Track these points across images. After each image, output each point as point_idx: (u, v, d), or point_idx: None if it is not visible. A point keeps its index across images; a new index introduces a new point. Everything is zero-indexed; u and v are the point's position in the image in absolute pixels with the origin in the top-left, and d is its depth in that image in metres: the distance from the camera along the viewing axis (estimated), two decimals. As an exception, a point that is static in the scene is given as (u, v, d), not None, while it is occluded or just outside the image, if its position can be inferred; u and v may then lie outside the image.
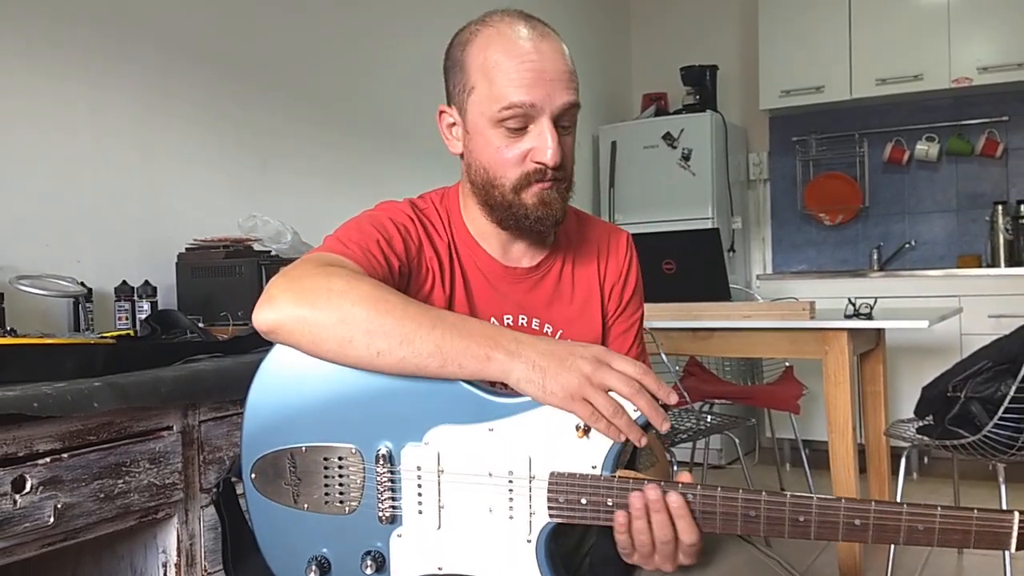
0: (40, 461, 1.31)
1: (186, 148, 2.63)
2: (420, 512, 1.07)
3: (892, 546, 2.78)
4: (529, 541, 1.04)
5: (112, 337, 1.84)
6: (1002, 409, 2.44)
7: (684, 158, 4.63)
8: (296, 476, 1.09)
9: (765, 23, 4.83)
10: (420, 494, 1.07)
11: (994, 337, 3.94)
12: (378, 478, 1.07)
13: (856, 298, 2.93)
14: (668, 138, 4.67)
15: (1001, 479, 2.58)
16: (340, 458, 1.08)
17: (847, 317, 2.83)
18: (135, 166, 2.47)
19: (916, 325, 2.72)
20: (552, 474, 1.03)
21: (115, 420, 1.43)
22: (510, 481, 1.05)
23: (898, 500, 2.75)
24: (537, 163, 1.18)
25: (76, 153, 2.32)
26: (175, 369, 1.56)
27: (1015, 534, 0.91)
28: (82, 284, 2.14)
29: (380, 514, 1.07)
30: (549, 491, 1.03)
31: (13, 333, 1.64)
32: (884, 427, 3.19)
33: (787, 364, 3.83)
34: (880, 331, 3.18)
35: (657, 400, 1.00)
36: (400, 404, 1.07)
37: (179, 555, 1.53)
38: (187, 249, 2.42)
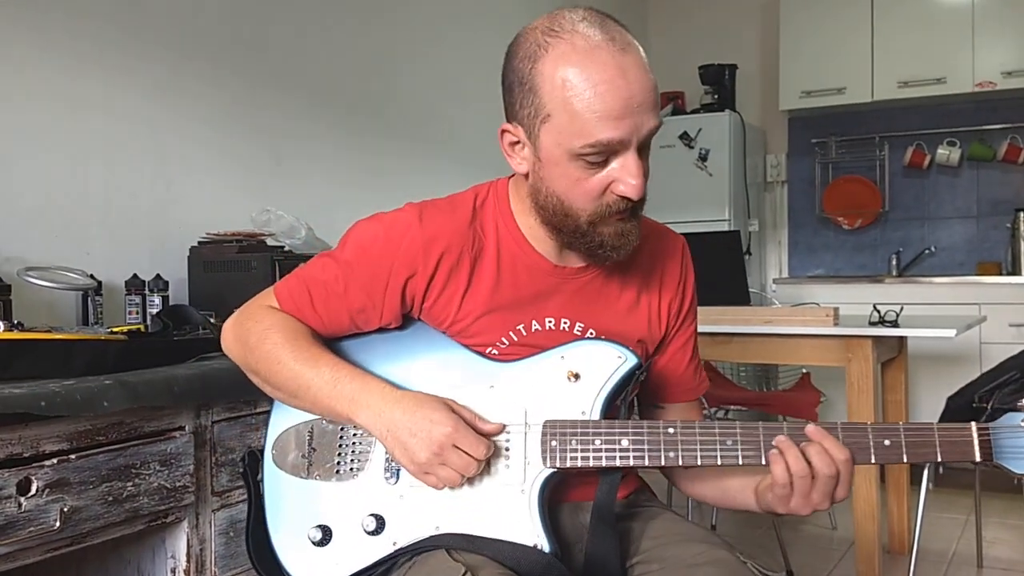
0: (47, 462, 1.26)
1: (199, 140, 2.58)
2: None
3: (912, 558, 2.71)
4: (523, 491, 1.11)
5: (123, 332, 1.79)
6: (1032, 422, 2.37)
7: (701, 158, 4.57)
8: (312, 447, 1.18)
9: (786, 22, 4.76)
10: None
11: (1014, 346, 3.89)
12: None
13: (879, 304, 2.86)
14: (685, 138, 4.60)
15: (1027, 492, 2.52)
16: (355, 426, 1.17)
17: (871, 324, 2.76)
18: (147, 158, 2.42)
19: (943, 334, 2.65)
20: (546, 423, 1.12)
21: (125, 420, 1.37)
22: (508, 432, 1.13)
23: (919, 513, 2.71)
24: (620, 196, 1.10)
25: (88, 144, 2.27)
26: (188, 367, 1.51)
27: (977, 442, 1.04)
28: (91, 277, 2.08)
29: (386, 472, 1.15)
30: (543, 438, 1.12)
31: (20, 327, 1.59)
32: (905, 437, 3.12)
33: (804, 371, 3.76)
34: (902, 339, 3.11)
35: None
36: (413, 374, 1.18)
37: (189, 560, 1.48)
38: (199, 243, 2.37)
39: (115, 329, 1.85)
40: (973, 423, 1.05)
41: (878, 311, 2.79)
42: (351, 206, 3.08)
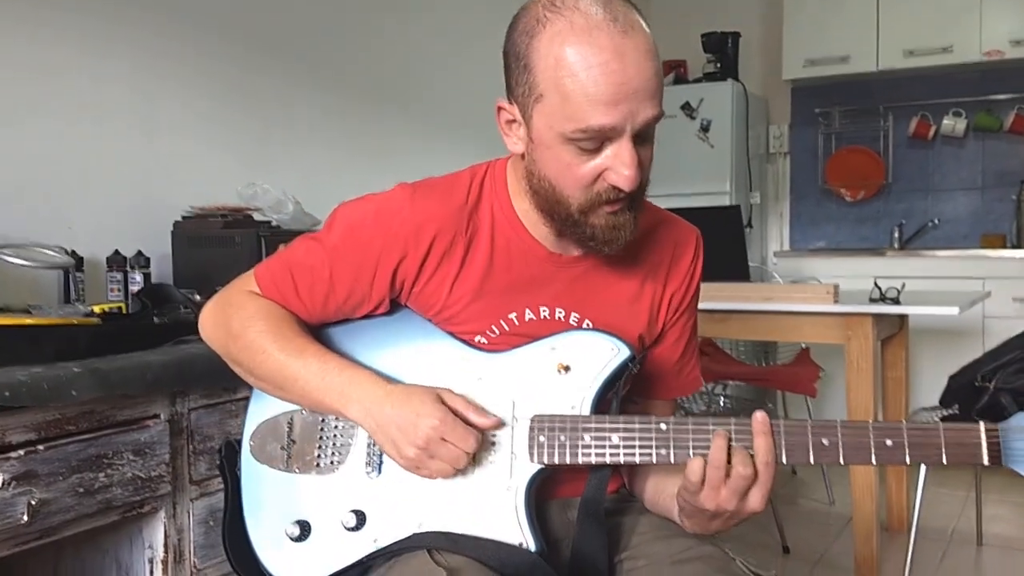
0: (13, 454, 1.21)
1: (185, 111, 2.51)
2: None
3: (911, 536, 2.68)
4: (509, 488, 1.06)
5: (102, 311, 1.74)
6: (1035, 402, 2.33)
7: (703, 129, 4.49)
8: (291, 439, 1.14)
9: (790, -11, 4.65)
10: None
11: (1018, 320, 3.84)
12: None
13: (880, 278, 2.81)
14: (687, 108, 4.52)
15: (1030, 474, 2.47)
16: (336, 418, 1.13)
17: (872, 301, 2.71)
18: (131, 128, 2.35)
19: (946, 312, 2.59)
20: (534, 417, 1.07)
21: (96, 408, 1.32)
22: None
23: (919, 490, 2.67)
24: (612, 185, 1.04)
25: (69, 114, 2.20)
26: (163, 352, 1.46)
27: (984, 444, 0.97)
28: (73, 252, 2.03)
29: (367, 466, 1.11)
30: (530, 433, 1.07)
31: (-8, 309, 1.54)
32: (905, 415, 3.09)
33: (803, 345, 3.72)
34: (904, 315, 3.06)
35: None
36: (398, 365, 1.13)
37: (166, 551, 1.43)
38: (183, 217, 2.31)
39: (96, 308, 1.80)
40: (982, 423, 0.98)
41: (879, 288, 2.74)
42: (341, 181, 3.02)
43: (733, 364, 3.70)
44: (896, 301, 2.67)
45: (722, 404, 3.28)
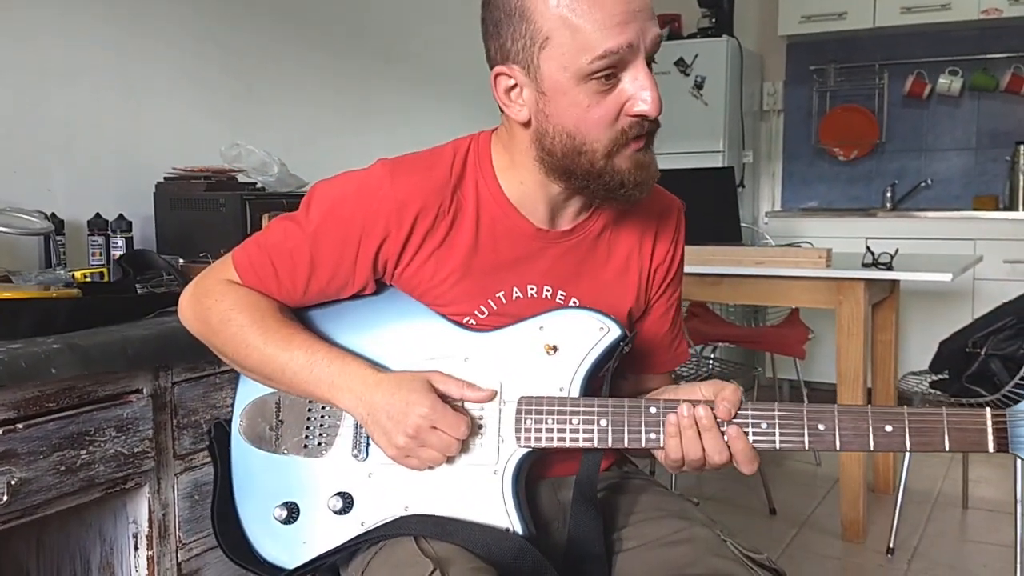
0: (-9, 434, 1.18)
1: (166, 69, 2.44)
2: None
3: (898, 498, 2.70)
4: (496, 472, 1.05)
5: (83, 277, 1.70)
6: (1025, 369, 2.33)
7: (697, 86, 4.42)
8: (280, 419, 1.13)
9: (788, -58, 4.56)
10: None
11: (1008, 282, 3.84)
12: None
13: (872, 239, 2.79)
14: (681, 64, 4.45)
15: (1018, 441, 2.48)
16: (337, 409, 1.11)
17: (865, 266, 2.69)
18: (110, 88, 2.28)
19: (939, 278, 2.58)
20: (521, 399, 1.06)
21: (77, 385, 1.29)
22: (480, 408, 1.07)
23: (906, 457, 2.68)
24: (635, 116, 1.00)
25: (47, 73, 2.13)
26: (145, 326, 1.42)
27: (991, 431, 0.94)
28: (53, 216, 1.98)
29: (354, 448, 1.10)
30: (517, 415, 1.05)
31: (-31, 279, 1.50)
32: (895, 379, 3.09)
33: (793, 306, 3.71)
34: (895, 280, 3.05)
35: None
36: (383, 347, 1.12)
37: (151, 526, 1.42)
38: (166, 179, 2.26)
39: (77, 274, 1.77)
40: (988, 409, 0.94)
41: (872, 252, 2.72)
42: (327, 141, 2.96)
43: (722, 326, 3.69)
44: (889, 266, 2.66)
45: (710, 367, 3.27)
